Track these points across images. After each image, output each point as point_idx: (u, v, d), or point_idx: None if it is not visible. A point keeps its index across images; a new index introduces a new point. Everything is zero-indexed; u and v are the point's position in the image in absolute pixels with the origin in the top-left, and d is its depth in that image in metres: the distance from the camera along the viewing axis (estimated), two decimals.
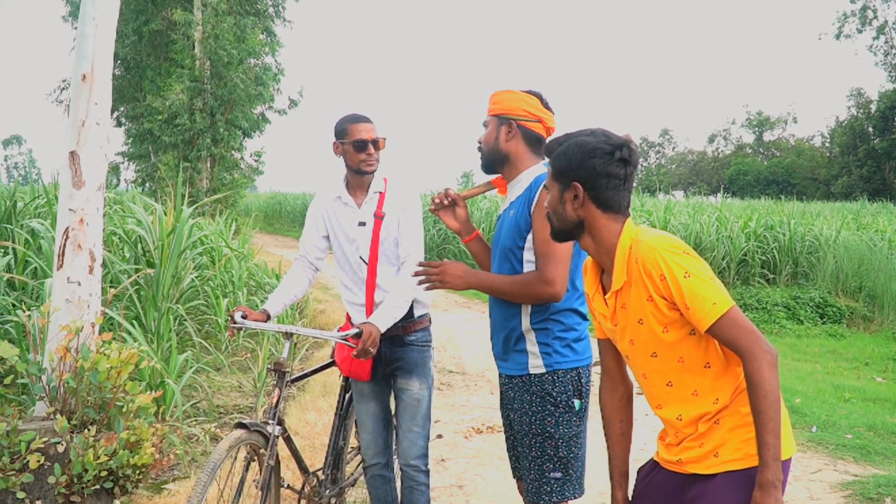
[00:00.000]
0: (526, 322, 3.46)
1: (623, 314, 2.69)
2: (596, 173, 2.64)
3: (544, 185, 2.88)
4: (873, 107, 61.21)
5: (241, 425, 3.75)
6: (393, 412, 4.45)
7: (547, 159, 2.87)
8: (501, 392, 3.70)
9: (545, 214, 2.91)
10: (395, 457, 4.52)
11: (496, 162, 3.62)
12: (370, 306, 4.15)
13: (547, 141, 3.02)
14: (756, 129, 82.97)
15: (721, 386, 2.59)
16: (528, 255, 3.42)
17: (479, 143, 3.68)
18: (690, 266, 2.50)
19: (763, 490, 2.43)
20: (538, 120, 3.58)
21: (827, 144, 71.44)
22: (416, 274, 3.49)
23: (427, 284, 3.51)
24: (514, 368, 3.51)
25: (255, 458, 3.89)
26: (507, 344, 3.55)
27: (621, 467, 2.99)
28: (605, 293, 2.79)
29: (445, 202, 3.79)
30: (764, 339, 2.47)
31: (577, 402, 3.40)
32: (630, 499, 2.96)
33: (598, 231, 2.69)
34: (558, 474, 3.40)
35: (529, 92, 3.62)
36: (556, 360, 3.41)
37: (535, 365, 3.44)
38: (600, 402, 3.04)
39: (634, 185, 2.79)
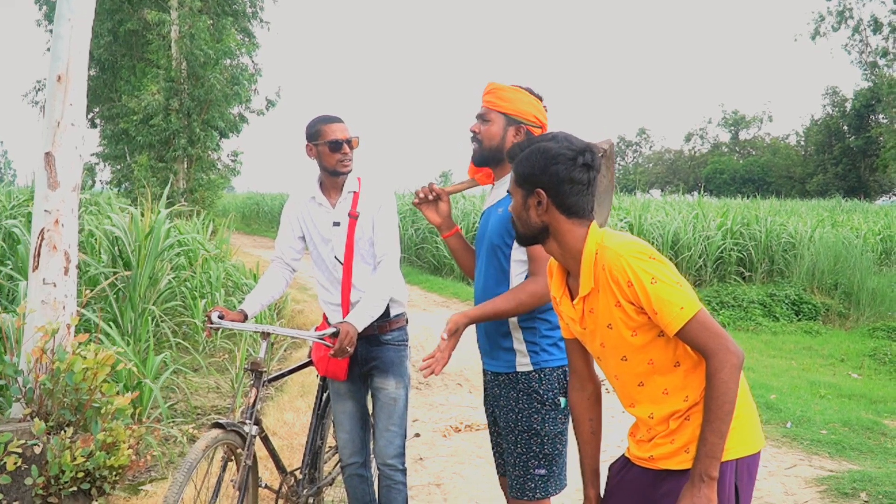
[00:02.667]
0: (513, 319, 3.46)
1: (591, 318, 2.70)
2: (559, 179, 2.64)
3: (507, 190, 2.88)
4: (848, 105, 61.71)
5: (217, 425, 3.75)
6: (370, 411, 4.46)
7: None
8: (486, 389, 3.71)
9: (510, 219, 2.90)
10: (372, 456, 4.53)
11: (495, 160, 3.62)
12: (346, 306, 4.16)
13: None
14: (732, 127, 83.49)
15: (690, 383, 2.61)
16: (517, 254, 3.43)
17: (475, 133, 3.62)
18: (657, 271, 2.51)
19: (692, 484, 2.49)
20: (541, 126, 3.59)
21: (802, 143, 71.92)
22: (426, 367, 3.31)
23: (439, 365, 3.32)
24: (501, 366, 3.52)
25: (233, 458, 3.90)
26: (493, 341, 3.56)
27: (592, 465, 3.01)
28: (572, 297, 2.79)
29: (430, 196, 3.80)
30: (732, 341, 2.49)
31: (562, 400, 3.41)
32: (602, 496, 2.98)
33: (563, 236, 2.69)
34: (542, 471, 3.41)
35: (531, 92, 3.62)
36: (542, 359, 3.43)
37: (523, 363, 3.46)
38: (569, 402, 3.05)
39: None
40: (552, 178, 2.65)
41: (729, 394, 2.44)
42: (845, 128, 62.07)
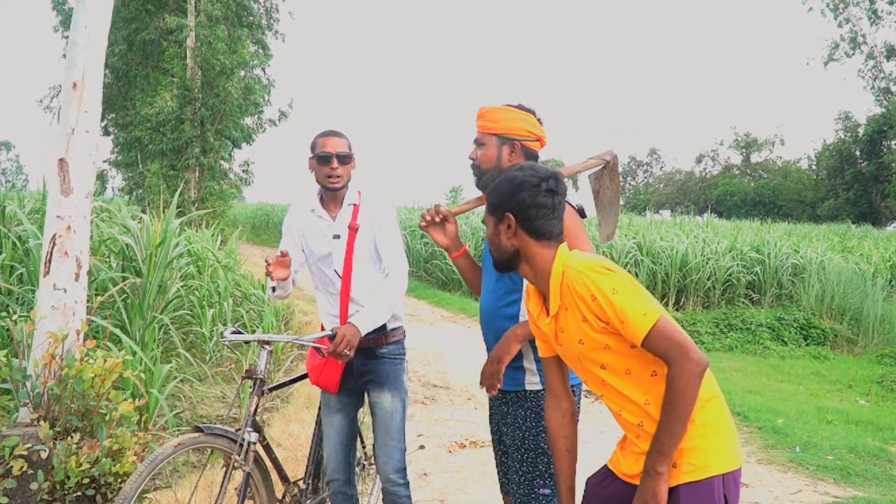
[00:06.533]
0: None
1: (564, 336, 2.82)
2: (525, 204, 2.86)
3: (482, 220, 3.01)
4: (861, 130, 61.49)
5: (197, 429, 3.78)
6: (370, 428, 4.43)
7: None
8: (492, 406, 3.71)
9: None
10: (357, 472, 4.52)
11: None
12: (344, 320, 4.16)
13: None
14: (743, 150, 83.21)
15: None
16: None
17: (472, 159, 3.66)
18: (616, 283, 2.64)
19: (643, 476, 2.62)
20: (538, 139, 3.60)
21: (814, 167, 71.66)
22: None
23: None
24: (510, 384, 3.52)
25: (236, 465, 3.89)
26: None
27: (568, 483, 3.06)
28: (549, 315, 2.91)
29: (437, 218, 3.79)
30: (694, 349, 2.56)
31: None
32: None
33: (533, 258, 2.89)
34: (547, 490, 3.41)
35: (521, 108, 3.64)
36: None
37: (532, 382, 3.47)
38: (546, 420, 3.11)
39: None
40: (519, 204, 2.87)
41: (685, 399, 2.54)
42: (857, 153, 61.79)
